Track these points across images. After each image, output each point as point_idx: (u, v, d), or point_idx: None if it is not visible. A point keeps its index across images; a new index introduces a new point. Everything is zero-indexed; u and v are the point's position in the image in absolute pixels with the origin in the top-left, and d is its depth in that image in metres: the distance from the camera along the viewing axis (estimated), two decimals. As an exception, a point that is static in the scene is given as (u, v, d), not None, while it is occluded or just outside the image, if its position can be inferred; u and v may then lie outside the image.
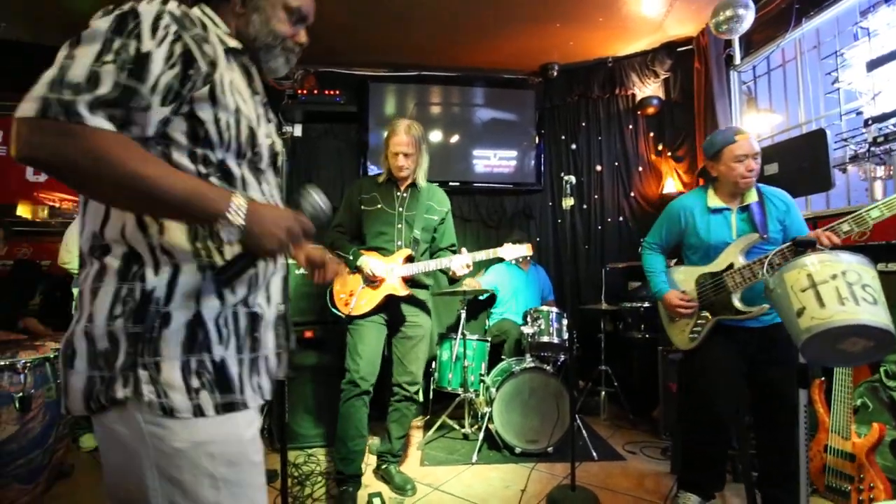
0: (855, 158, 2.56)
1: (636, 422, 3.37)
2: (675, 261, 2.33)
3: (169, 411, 0.74)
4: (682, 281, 2.07)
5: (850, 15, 2.83)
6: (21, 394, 1.84)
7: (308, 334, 2.93)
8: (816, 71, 3.13)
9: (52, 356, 2.00)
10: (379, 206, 2.34)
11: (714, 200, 2.01)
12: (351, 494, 2.21)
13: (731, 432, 2.11)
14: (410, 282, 2.32)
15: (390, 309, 2.32)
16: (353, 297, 2.27)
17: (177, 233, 0.78)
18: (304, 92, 3.87)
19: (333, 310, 2.29)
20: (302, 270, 3.01)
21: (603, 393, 3.52)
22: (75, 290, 2.92)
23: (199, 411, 0.76)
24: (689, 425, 2.06)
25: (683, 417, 2.10)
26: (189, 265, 0.79)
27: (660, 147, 4.10)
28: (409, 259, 2.32)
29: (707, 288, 1.98)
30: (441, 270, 2.34)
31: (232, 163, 0.84)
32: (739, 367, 1.94)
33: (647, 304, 3.45)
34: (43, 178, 3.85)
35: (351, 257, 2.27)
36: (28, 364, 1.89)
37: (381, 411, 2.55)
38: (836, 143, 2.65)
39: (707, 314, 1.98)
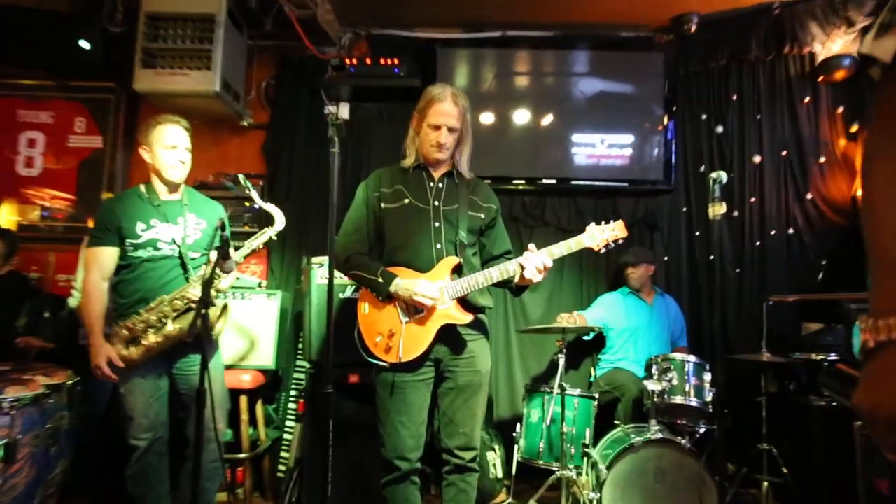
0: None
1: (817, 530, 3.16)
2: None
3: None
4: None
5: None
6: (6, 439, 1.96)
7: (353, 379, 2.97)
8: None
9: (43, 393, 2.14)
10: (407, 200, 2.32)
11: None
12: None
13: None
14: (464, 303, 2.29)
15: (441, 346, 2.28)
16: (396, 339, 2.23)
17: None
18: (354, 62, 3.97)
19: (371, 360, 2.26)
20: (348, 293, 3.05)
21: (765, 484, 3.32)
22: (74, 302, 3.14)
23: None
24: None
25: None
26: None
27: (853, 128, 3.90)
28: (457, 270, 2.29)
29: None
30: (504, 283, 2.29)
31: None
32: None
33: (833, 356, 3.25)
34: (36, 171, 4.23)
35: (381, 280, 2.21)
36: (16, 403, 2.01)
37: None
38: None
39: None
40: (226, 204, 2.90)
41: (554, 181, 4.08)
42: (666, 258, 4.10)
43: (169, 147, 2.48)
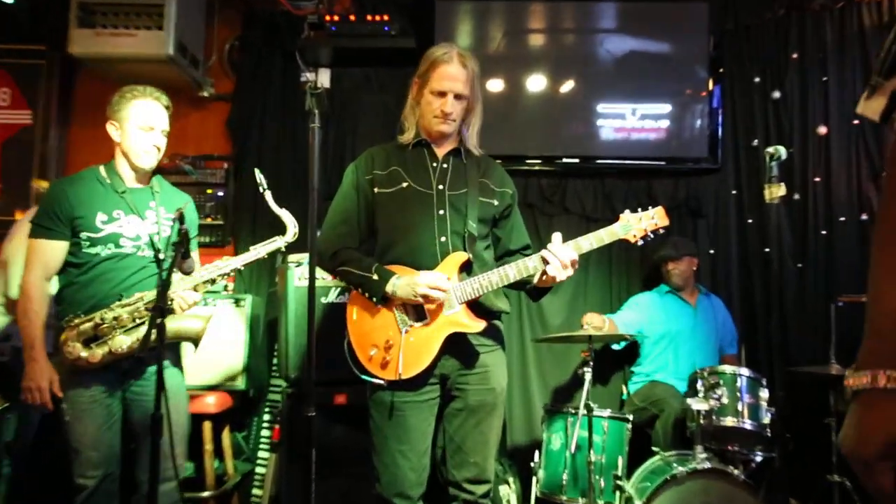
0: None
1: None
2: None
3: None
4: None
5: None
6: None
7: (340, 400, 2.96)
8: None
9: None
10: (405, 184, 2.34)
11: None
12: None
13: None
14: (476, 307, 2.27)
15: (448, 360, 2.29)
16: (395, 351, 2.23)
17: None
18: (336, 19, 3.89)
19: (364, 377, 2.26)
20: (333, 297, 2.99)
21: (836, 523, 3.30)
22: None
23: None
24: None
25: None
26: None
27: (939, 92, 3.76)
28: (466, 267, 2.28)
29: None
30: (522, 282, 2.30)
31: None
32: None
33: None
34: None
35: (375, 276, 2.21)
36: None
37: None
38: None
39: None
40: (185, 192, 2.83)
41: (576, 160, 4.02)
42: (712, 251, 4.05)
43: (144, 128, 2.42)
